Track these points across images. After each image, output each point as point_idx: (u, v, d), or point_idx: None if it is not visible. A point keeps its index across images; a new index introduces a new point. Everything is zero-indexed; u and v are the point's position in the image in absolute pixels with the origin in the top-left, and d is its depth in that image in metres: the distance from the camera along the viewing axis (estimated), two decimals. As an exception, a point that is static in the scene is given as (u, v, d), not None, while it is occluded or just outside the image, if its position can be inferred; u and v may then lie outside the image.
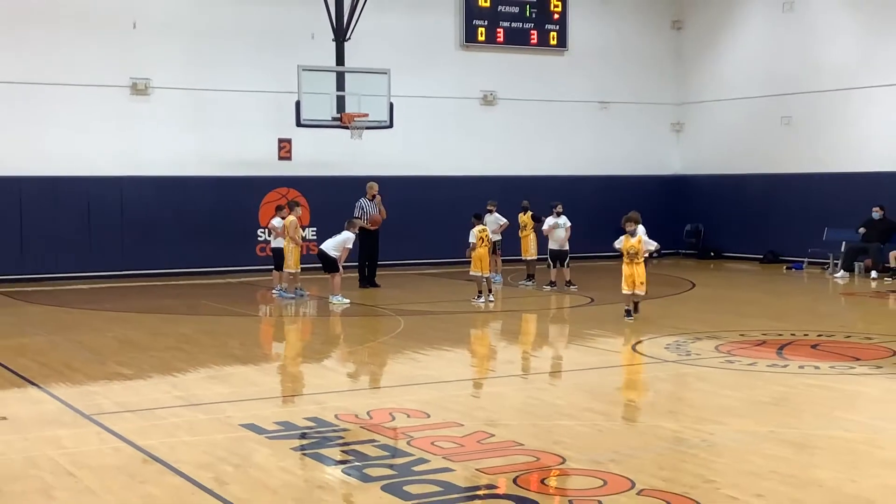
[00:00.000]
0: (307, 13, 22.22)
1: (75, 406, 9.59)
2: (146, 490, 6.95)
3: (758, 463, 7.51)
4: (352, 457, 7.78)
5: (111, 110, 21.94)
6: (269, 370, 12.53)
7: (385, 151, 23.42)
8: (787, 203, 24.26)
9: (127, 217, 21.96)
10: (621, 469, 7.28)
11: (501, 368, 12.57)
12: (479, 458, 7.62)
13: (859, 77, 23.38)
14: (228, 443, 8.19)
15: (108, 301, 18.18)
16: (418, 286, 20.74)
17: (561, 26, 26.20)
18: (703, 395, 10.46)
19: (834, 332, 13.96)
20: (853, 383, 10.77)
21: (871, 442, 8.24)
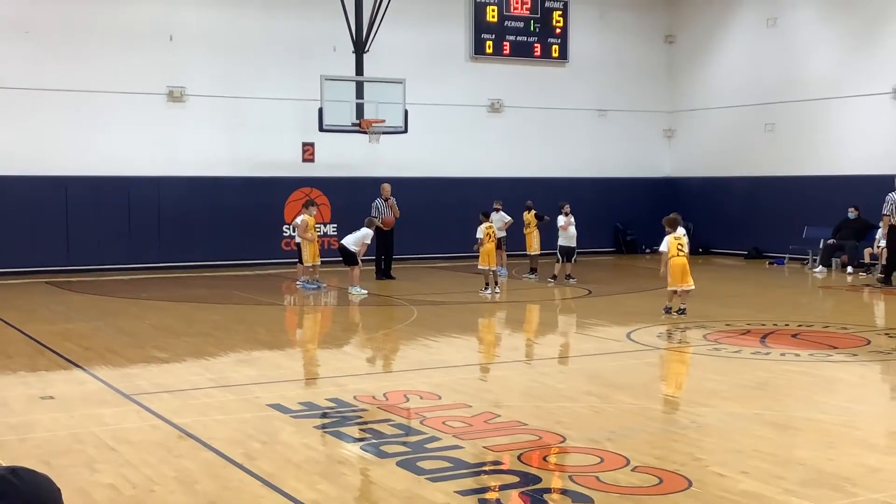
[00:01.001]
0: (329, 27, 22.21)
1: (116, 386, 9.62)
2: (181, 464, 6.96)
3: (743, 442, 7.49)
4: (369, 435, 7.79)
5: (150, 116, 21.97)
6: (294, 355, 12.55)
7: (400, 154, 23.40)
8: (769, 203, 24.19)
9: (164, 214, 22.00)
10: (617, 447, 7.27)
11: (506, 354, 12.57)
12: (486, 436, 7.63)
13: (837, 87, 23.29)
14: (256, 421, 8.21)
15: (147, 290, 18.23)
16: (430, 278, 20.75)
17: (562, 40, 26.13)
18: (693, 379, 10.45)
19: (813, 323, 13.93)
20: (831, 370, 10.75)
21: (848, 424, 8.22)
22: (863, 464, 6.94)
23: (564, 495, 6.23)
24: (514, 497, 6.22)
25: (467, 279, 19.46)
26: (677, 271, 14.44)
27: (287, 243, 22.24)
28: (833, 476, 6.60)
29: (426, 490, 6.30)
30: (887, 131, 22.31)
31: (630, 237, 26.47)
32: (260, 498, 6.23)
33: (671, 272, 14.45)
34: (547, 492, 6.32)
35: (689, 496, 6.19)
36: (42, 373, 10.46)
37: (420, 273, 21.64)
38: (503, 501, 6.15)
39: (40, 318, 14.58)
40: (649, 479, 6.51)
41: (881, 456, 7.26)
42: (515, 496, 6.24)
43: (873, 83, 22.50)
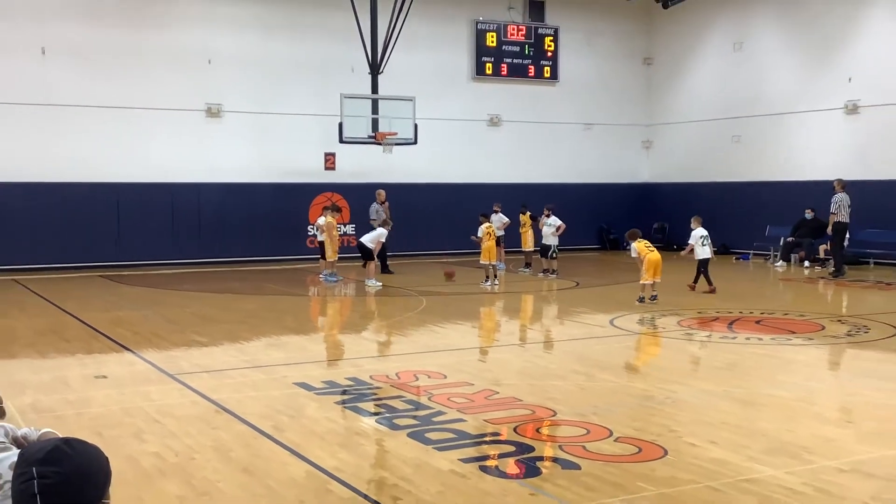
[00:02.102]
0: (348, 51, 22.19)
1: (161, 367, 9.63)
2: (217, 435, 6.96)
3: (712, 416, 7.47)
4: (383, 409, 7.78)
5: (190, 130, 21.98)
6: (317, 339, 12.55)
7: (410, 163, 23.40)
8: (736, 206, 24.13)
9: (203, 215, 22.01)
10: (601, 420, 7.26)
11: (504, 339, 12.55)
12: (486, 411, 7.61)
13: (796, 104, 23.24)
14: (284, 398, 8.20)
15: (188, 283, 18.24)
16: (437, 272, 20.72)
17: (553, 62, 26.09)
18: (668, 360, 10.43)
19: (774, 311, 13.90)
20: (790, 352, 10.72)
21: (805, 399, 8.19)
22: (818, 434, 6.92)
23: (555, 463, 6.22)
24: (510, 464, 6.21)
25: (470, 273, 19.45)
26: (651, 267, 14.56)
27: (311, 241, 22.23)
28: (792, 445, 6.58)
29: (433, 458, 6.29)
30: (839, 142, 22.26)
31: (613, 236, 26.46)
32: (287, 465, 6.22)
33: (646, 267, 14.58)
34: (540, 460, 6.30)
35: (665, 463, 6.17)
36: (97, 355, 10.47)
37: (428, 267, 21.61)
38: (501, 468, 6.13)
39: (95, 307, 14.60)
40: (630, 449, 6.50)
41: (834, 428, 7.24)
42: (512, 464, 6.23)
43: (827, 100, 22.44)
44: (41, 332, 12.04)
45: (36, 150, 20.49)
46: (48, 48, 20.51)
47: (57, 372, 9.50)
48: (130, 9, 21.19)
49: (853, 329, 12.27)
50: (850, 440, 6.82)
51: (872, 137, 21.49)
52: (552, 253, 19.07)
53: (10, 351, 10.67)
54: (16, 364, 9.95)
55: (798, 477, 5.85)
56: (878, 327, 12.30)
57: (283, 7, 22.76)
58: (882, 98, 21.23)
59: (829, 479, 5.81)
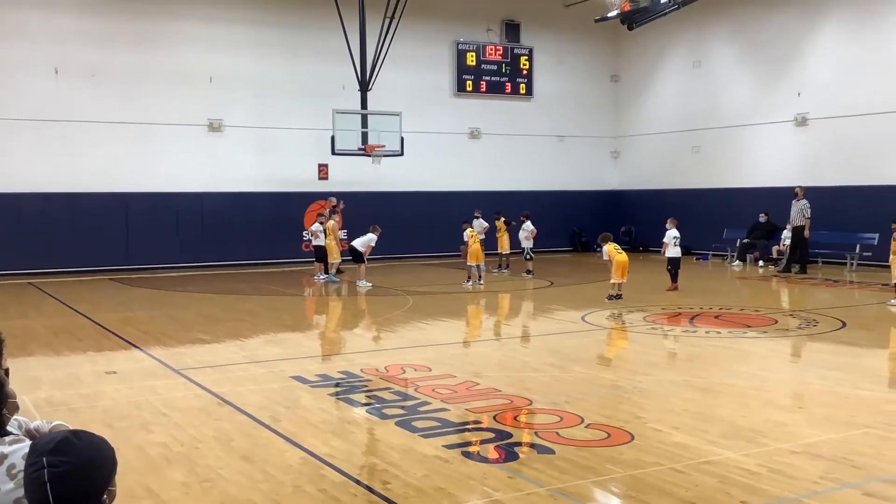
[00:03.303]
0: (339, 70, 22.15)
1: (167, 363, 9.58)
2: (219, 425, 6.93)
3: (675, 403, 7.50)
4: (373, 400, 7.77)
5: (194, 143, 21.87)
6: (312, 336, 12.51)
7: (397, 173, 23.37)
8: (696, 210, 24.20)
9: (206, 222, 21.90)
10: (573, 408, 7.27)
11: (485, 334, 12.56)
12: (468, 400, 7.61)
13: (750, 117, 23.36)
14: (281, 390, 8.18)
15: (192, 285, 18.16)
16: (421, 273, 20.72)
17: (528, 79, 26.13)
18: (635, 353, 10.45)
19: (731, 306, 13.96)
20: (746, 344, 10.77)
21: (759, 388, 8.23)
22: (771, 420, 6.95)
23: (531, 448, 6.22)
24: (490, 450, 6.21)
25: (452, 274, 19.45)
26: (619, 268, 14.59)
27: (306, 245, 22.16)
28: (748, 430, 6.61)
29: (419, 445, 6.28)
30: (790, 151, 22.40)
31: (584, 239, 26.50)
32: (283, 452, 6.20)
33: (615, 268, 14.61)
34: (517, 445, 6.31)
35: (632, 447, 6.18)
36: (107, 352, 10.40)
37: (413, 269, 21.61)
38: (482, 454, 6.13)
39: (106, 308, 14.50)
40: (600, 434, 6.51)
41: (786, 413, 7.28)
42: (492, 449, 6.23)
43: (779, 113, 22.58)
44: (56, 331, 11.96)
45: (51, 163, 20.33)
46: (61, 68, 20.37)
47: (70, 368, 9.43)
48: (138, 31, 21.08)
49: (803, 323, 12.34)
50: (800, 424, 6.86)
51: (820, 148, 21.64)
52: (526, 255, 19.12)
53: (28, 349, 10.58)
54: (32, 361, 9.87)
55: (753, 459, 5.88)
56: (825, 321, 12.38)
57: (278, 29, 22.69)
58: (829, 111, 21.38)
59: (782, 461, 5.84)
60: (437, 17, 24.66)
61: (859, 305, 14.60)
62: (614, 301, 14.44)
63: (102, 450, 2.04)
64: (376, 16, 21.27)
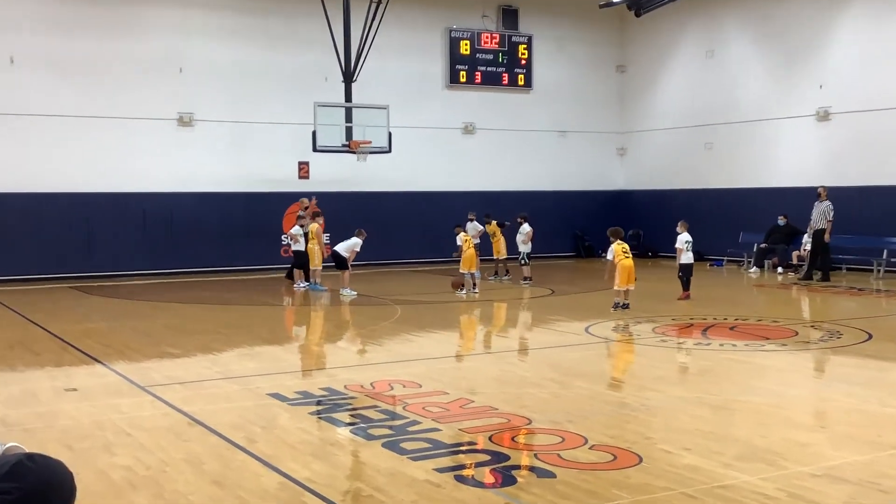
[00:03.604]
0: (321, 59, 22.17)
1: (133, 379, 9.54)
2: (190, 447, 6.90)
3: (686, 422, 7.50)
4: (358, 420, 7.75)
5: (162, 139, 21.85)
6: (291, 349, 12.49)
7: (385, 172, 23.39)
8: (709, 212, 24.29)
9: (176, 225, 21.88)
10: (576, 428, 7.27)
11: (480, 347, 12.55)
12: (461, 419, 7.60)
13: (767, 111, 23.46)
14: (257, 409, 8.15)
15: (160, 294, 18.11)
16: (411, 281, 20.72)
17: (527, 70, 26.20)
18: (642, 367, 10.46)
19: (748, 317, 14.00)
20: (763, 358, 10.79)
21: (778, 405, 8.25)
22: (791, 440, 6.96)
23: (531, 472, 6.22)
24: (486, 474, 6.20)
25: (444, 281, 19.44)
26: (625, 273, 14.58)
27: (285, 250, 22.14)
28: (765, 451, 6.62)
29: (408, 468, 6.27)
30: (810, 149, 22.50)
31: (588, 243, 26.56)
32: (259, 476, 6.18)
33: (619, 274, 14.60)
34: (515, 468, 6.30)
35: (640, 470, 6.18)
36: (66, 367, 10.36)
37: (402, 276, 21.60)
38: (477, 478, 6.12)
39: (65, 318, 14.45)
40: (605, 456, 6.51)
41: (807, 433, 7.29)
42: (487, 473, 6.22)
43: (798, 107, 22.68)
44: (10, 344, 11.90)
45: (5, 161, 20.28)
46: (17, 57, 20.33)
47: (26, 385, 9.39)
48: (100, 17, 21.06)
49: (826, 335, 12.38)
50: (823, 445, 6.87)
51: (844, 144, 21.73)
52: (522, 259, 19.14)
53: (-22, 364, 10.53)
54: (-17, 377, 9.82)
55: (772, 483, 5.88)
56: (850, 333, 12.42)
57: (255, 15, 22.71)
58: (853, 105, 21.48)
59: (803, 485, 5.85)
60: (428, 3, 24.72)
61: (887, 315, 14.66)
62: (621, 311, 14.45)
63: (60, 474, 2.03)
64: (362, 1, 21.30)
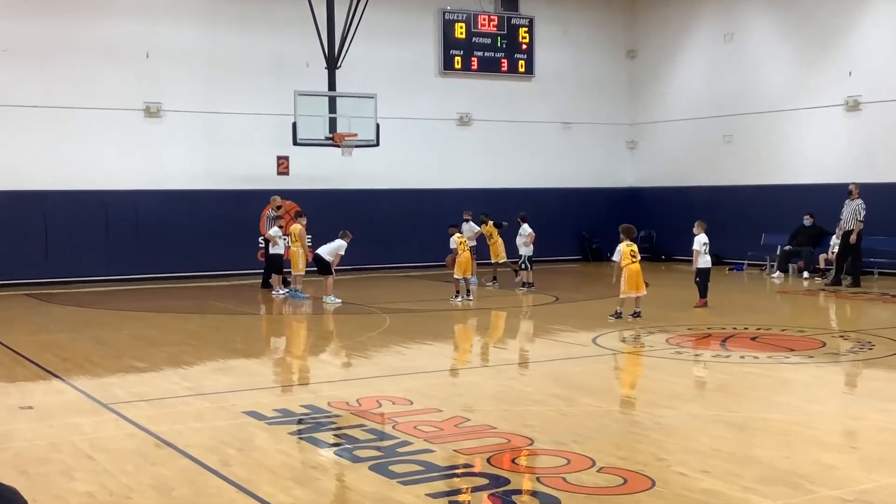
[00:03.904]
0: (302, 44, 22.15)
1: (94, 396, 9.52)
2: (157, 471, 6.89)
3: (704, 442, 7.51)
4: (343, 440, 7.74)
5: (127, 131, 21.81)
6: (269, 363, 12.47)
7: (372, 167, 23.39)
8: (728, 212, 24.33)
9: (142, 226, 21.84)
10: (583, 449, 7.27)
11: (476, 360, 12.55)
12: (456, 440, 7.60)
13: (792, 100, 23.51)
14: (232, 428, 8.14)
15: (124, 302, 18.07)
16: (401, 287, 20.71)
17: (528, 55, 26.23)
18: (655, 382, 10.47)
19: (771, 326, 14.01)
20: (788, 371, 10.81)
21: (804, 423, 8.26)
22: (819, 461, 6.97)
23: (533, 496, 6.22)
24: (484, 499, 6.20)
25: (438, 288, 19.43)
26: (633, 278, 14.56)
27: (262, 254, 22.09)
28: (790, 474, 6.63)
29: (398, 493, 6.27)
30: (840, 141, 22.54)
31: (595, 245, 26.55)
32: (234, 503, 6.17)
33: (627, 279, 14.57)
34: (516, 493, 6.30)
35: (653, 495, 6.19)
36: (21, 383, 10.33)
37: (391, 282, 21.60)
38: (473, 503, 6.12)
39: (19, 329, 14.41)
40: (614, 480, 6.51)
41: (836, 454, 7.30)
42: (485, 498, 6.22)
43: (826, 96, 22.72)
44: (-42, 358, 11.87)
45: (-47, 155, 20.26)
46: (-34, 41, 20.31)
47: (-24, 403, 9.36)
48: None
49: (857, 345, 12.40)
50: (853, 467, 6.88)
51: (876, 136, 21.78)
52: (522, 263, 19.13)
53: (-76, 380, 10.50)
54: (-71, 394, 9.79)
55: (797, 508, 5.89)
56: (883, 343, 12.44)
57: (229, -5, 22.71)
58: (886, 94, 21.53)
59: (831, 510, 5.86)
60: (419, -19, 24.76)
61: (922, 325, 14.68)
62: (630, 320, 14.44)
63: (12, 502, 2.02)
64: (346, -21, 21.33)
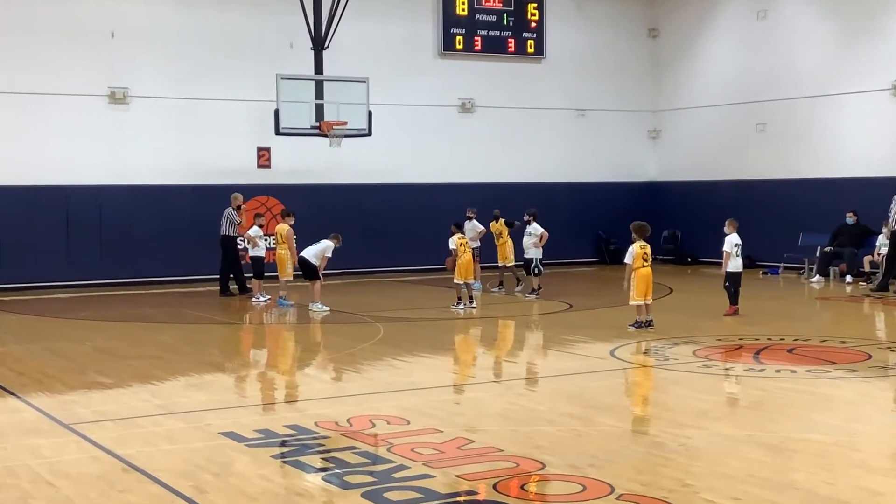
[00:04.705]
0: (286, 22, 22.17)
1: (53, 415, 9.51)
2: (125, 499, 6.89)
3: (735, 466, 7.51)
4: (332, 464, 7.75)
5: (89, 120, 21.80)
6: (249, 378, 12.47)
7: (364, 159, 23.39)
8: (762, 209, 24.31)
9: (106, 226, 21.82)
10: (600, 474, 7.27)
11: (481, 375, 12.55)
12: (459, 464, 7.60)
13: (833, 84, 23.50)
14: (208, 451, 8.14)
15: (87, 310, 18.06)
16: (398, 293, 20.70)
17: (538, 34, 26.24)
18: (681, 399, 10.46)
19: (810, 337, 14.01)
20: (829, 387, 10.80)
21: (847, 444, 8.26)
22: (864, 487, 6.97)
23: (544, 526, 6.23)
24: (489, 529, 6.21)
25: (438, 293, 19.43)
26: (643, 283, 14.50)
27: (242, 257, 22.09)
28: (832, 501, 6.63)
29: (393, 523, 6.28)
30: (887, 130, 22.52)
31: (613, 246, 26.49)
32: (212, 535, 6.18)
33: (637, 284, 14.50)
34: (525, 523, 6.31)
35: (678, 525, 6.20)
36: (-28, 401, 10.34)
37: (387, 287, 21.58)
38: (477, 534, 6.14)
39: (-30, 341, 14.42)
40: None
41: (883, 479, 7.30)
42: (490, 528, 6.23)
43: (872, 79, 22.72)
44: None
45: None
46: (-90, 19, 20.34)
47: (-78, 423, 9.37)
48: (13, -30, 21.07)
49: (905, 358, 12.42)
50: (902, 493, 6.90)
51: (926, 124, 21.80)
52: (534, 268, 19.10)
53: None
54: None
55: (840, 539, 5.90)
56: (935, 355, 12.46)
57: (204, -32, 22.73)
58: (936, 77, 21.57)
59: (878, 542, 5.87)
60: (416, -48, 24.80)
61: (979, 335, 14.68)
62: (643, 330, 14.44)
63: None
64: (335, -51, 21.36)
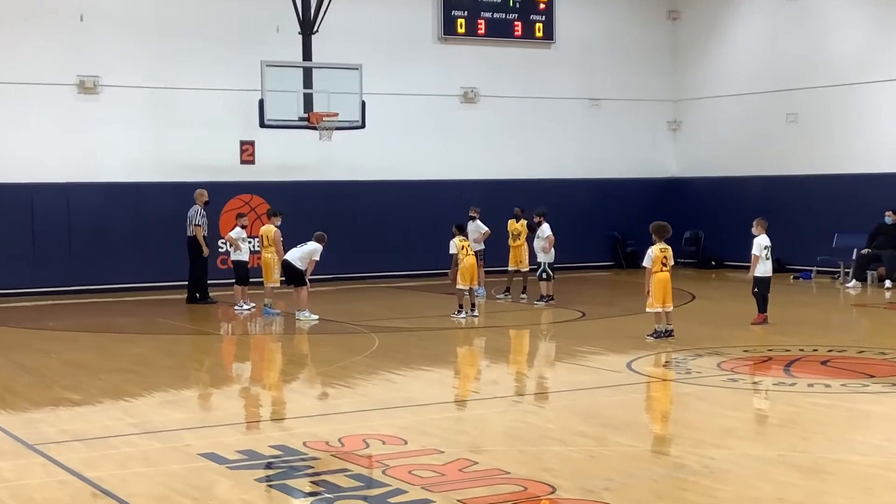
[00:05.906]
0: (271, 4, 22.18)
1: (17, 435, 9.50)
2: (95, 526, 6.89)
3: (764, 489, 7.51)
4: (322, 488, 7.74)
5: (56, 111, 21.81)
6: (232, 394, 12.46)
7: (357, 154, 23.38)
8: (793, 207, 24.32)
9: (75, 227, 21.82)
10: (616, 498, 7.26)
11: (485, 389, 12.53)
12: (461, 487, 7.59)
13: (870, 71, 23.50)
14: (186, 473, 8.14)
15: (54, 319, 18.07)
16: (394, 300, 20.70)
17: (547, 17, 26.23)
18: (705, 416, 10.46)
19: (845, 347, 14.00)
20: (867, 402, 10.80)
21: (887, 466, 8.25)
22: (905, 513, 6.98)
23: (554, 556, 6.22)
24: (494, 559, 6.20)
25: (437, 301, 19.42)
26: (660, 288, 14.46)
27: (223, 261, 22.11)
28: (871, 528, 6.63)
29: (389, 553, 6.27)
30: (929, 121, 22.57)
31: (630, 249, 26.49)
32: (190, 566, 6.18)
33: (654, 289, 14.48)
34: (533, 552, 6.30)
35: (702, 555, 6.19)
36: (-72, 419, 10.33)
37: (382, 294, 21.59)
38: (481, 565, 6.13)
39: (-74, 353, 14.42)
40: (654, 536, 6.52)
41: (927, 503, 7.31)
42: (496, 558, 6.22)
43: (912, 65, 22.78)
44: None
45: None
46: None
47: None
48: (-27, -52, 21.10)
49: (950, 370, 12.41)
50: (947, 519, 6.89)
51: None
52: (542, 272, 19.03)
53: None
54: None
55: (879, 570, 5.89)
56: (982, 368, 12.45)
57: (181, -55, 22.76)
58: (983, 63, 21.58)
59: (921, 573, 5.86)
60: (414, -73, 24.82)
61: None
62: (663, 340, 14.42)
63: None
64: (325, -76, 21.40)
